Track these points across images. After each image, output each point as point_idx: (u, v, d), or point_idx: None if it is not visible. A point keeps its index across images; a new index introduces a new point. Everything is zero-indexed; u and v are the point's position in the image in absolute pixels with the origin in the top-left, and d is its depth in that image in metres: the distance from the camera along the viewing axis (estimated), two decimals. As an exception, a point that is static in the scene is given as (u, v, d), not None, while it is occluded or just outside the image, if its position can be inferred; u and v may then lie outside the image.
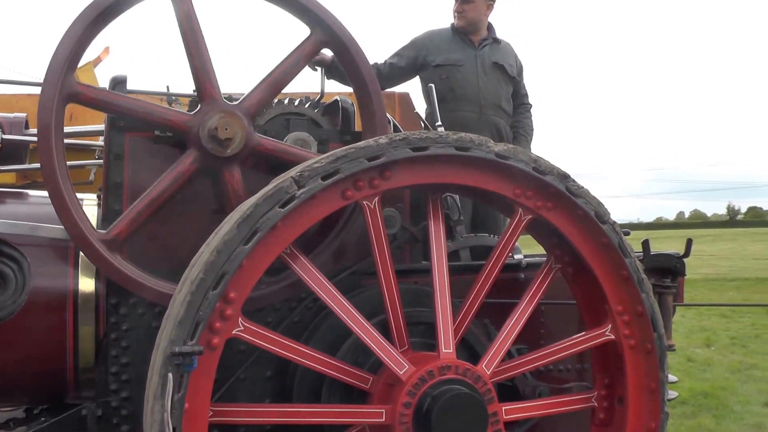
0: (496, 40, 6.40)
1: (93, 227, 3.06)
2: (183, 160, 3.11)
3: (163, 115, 3.11)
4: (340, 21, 3.25)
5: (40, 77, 3.07)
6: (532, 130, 6.57)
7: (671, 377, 3.55)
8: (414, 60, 6.29)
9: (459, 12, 6.34)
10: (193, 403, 2.50)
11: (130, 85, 3.39)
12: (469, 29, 6.35)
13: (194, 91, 3.19)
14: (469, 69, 6.20)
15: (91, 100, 3.08)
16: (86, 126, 4.81)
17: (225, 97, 3.17)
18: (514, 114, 6.47)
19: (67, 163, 3.07)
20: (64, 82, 2.98)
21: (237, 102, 3.17)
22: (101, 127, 4.11)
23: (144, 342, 3.06)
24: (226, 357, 2.70)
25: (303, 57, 3.30)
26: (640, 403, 3.08)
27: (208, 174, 3.18)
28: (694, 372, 9.89)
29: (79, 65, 3.10)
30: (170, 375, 2.40)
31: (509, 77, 6.38)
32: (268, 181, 2.73)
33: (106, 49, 7.81)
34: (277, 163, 3.19)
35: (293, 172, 2.65)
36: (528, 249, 4.54)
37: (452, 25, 6.41)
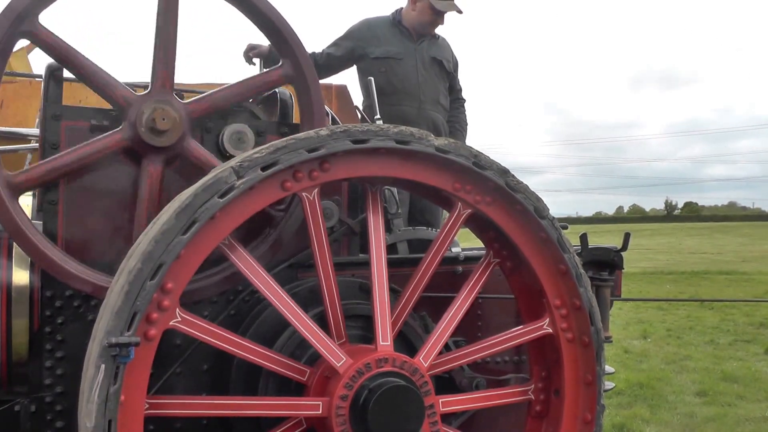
0: (434, 36, 6.38)
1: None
2: (112, 134, 3.07)
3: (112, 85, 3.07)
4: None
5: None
6: (467, 124, 6.61)
7: (608, 368, 3.60)
8: (351, 51, 6.18)
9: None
10: (128, 396, 2.47)
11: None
12: (428, 31, 6.31)
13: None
14: (409, 63, 6.15)
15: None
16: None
17: (177, 93, 3.14)
18: (450, 109, 6.47)
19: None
20: None
21: (186, 101, 3.14)
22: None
23: (80, 335, 3.02)
24: (163, 350, 2.67)
25: (266, 83, 3.30)
26: (577, 395, 3.11)
27: (130, 157, 3.13)
28: (630, 363, 10.09)
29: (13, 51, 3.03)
30: (103, 366, 2.36)
31: (446, 72, 6.37)
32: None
33: None
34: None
35: (233, 162, 2.63)
36: (466, 242, 4.57)
37: (393, 15, 6.33)
